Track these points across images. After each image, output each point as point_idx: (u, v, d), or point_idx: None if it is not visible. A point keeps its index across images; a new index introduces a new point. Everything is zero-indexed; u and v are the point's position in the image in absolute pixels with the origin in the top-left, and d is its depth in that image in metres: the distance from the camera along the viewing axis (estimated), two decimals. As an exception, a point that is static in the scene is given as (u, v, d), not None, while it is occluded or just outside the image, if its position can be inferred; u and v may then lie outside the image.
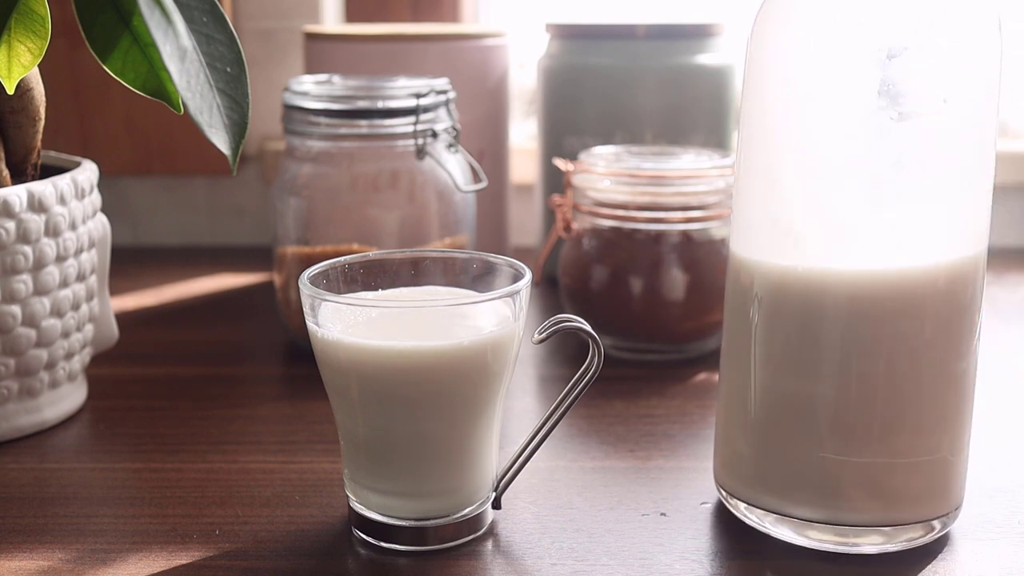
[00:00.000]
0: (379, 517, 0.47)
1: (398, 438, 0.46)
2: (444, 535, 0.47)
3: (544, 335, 0.46)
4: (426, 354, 0.45)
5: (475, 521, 0.48)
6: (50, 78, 0.59)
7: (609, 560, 0.46)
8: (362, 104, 0.67)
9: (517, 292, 0.46)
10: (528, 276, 0.47)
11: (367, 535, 0.48)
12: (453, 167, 0.70)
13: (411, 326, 0.46)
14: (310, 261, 0.68)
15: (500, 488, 0.49)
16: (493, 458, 0.49)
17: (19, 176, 0.58)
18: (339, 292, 0.49)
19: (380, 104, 0.67)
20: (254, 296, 0.86)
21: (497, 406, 0.48)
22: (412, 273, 0.51)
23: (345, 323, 0.46)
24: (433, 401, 0.45)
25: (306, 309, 0.47)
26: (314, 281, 0.48)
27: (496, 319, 0.46)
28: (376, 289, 0.50)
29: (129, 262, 0.92)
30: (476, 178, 0.73)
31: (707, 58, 0.83)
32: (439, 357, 0.45)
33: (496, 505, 0.49)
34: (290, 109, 0.69)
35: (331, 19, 1.02)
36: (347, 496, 0.49)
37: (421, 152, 0.68)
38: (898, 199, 0.44)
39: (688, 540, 0.48)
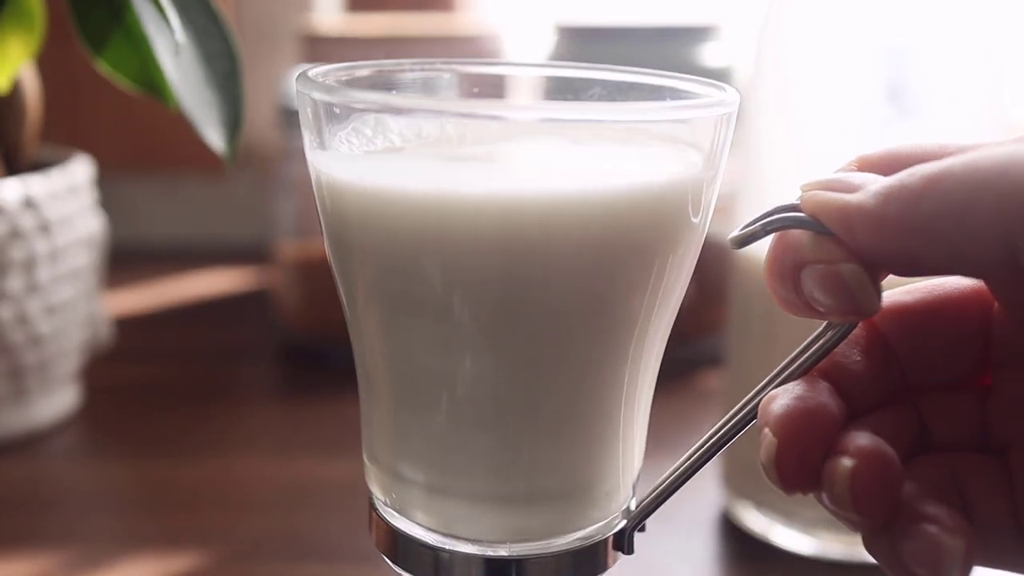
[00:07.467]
0: (431, 538, 0.27)
1: (478, 386, 0.25)
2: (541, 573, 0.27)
3: (751, 230, 0.25)
4: (564, 210, 0.23)
5: (596, 552, 0.29)
6: (45, 73, 0.59)
7: (610, 565, 0.45)
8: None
9: (728, 115, 0.26)
10: (737, 97, 0.26)
11: (405, 567, 0.27)
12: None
13: (515, 165, 0.25)
14: (307, 260, 0.67)
15: (647, 503, 0.29)
16: (638, 441, 0.29)
17: (11, 172, 0.57)
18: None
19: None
20: (250, 295, 0.85)
21: (660, 337, 0.28)
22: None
23: (388, 161, 0.25)
24: (558, 309, 0.25)
25: (308, 135, 0.26)
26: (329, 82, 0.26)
27: (675, 164, 0.26)
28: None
29: (123, 260, 0.91)
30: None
31: (707, 58, 0.83)
32: (590, 212, 0.24)
33: (641, 528, 0.30)
34: (287, 107, 0.68)
35: (329, 7, 1.02)
36: (371, 499, 0.28)
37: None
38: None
39: (691, 544, 0.47)
